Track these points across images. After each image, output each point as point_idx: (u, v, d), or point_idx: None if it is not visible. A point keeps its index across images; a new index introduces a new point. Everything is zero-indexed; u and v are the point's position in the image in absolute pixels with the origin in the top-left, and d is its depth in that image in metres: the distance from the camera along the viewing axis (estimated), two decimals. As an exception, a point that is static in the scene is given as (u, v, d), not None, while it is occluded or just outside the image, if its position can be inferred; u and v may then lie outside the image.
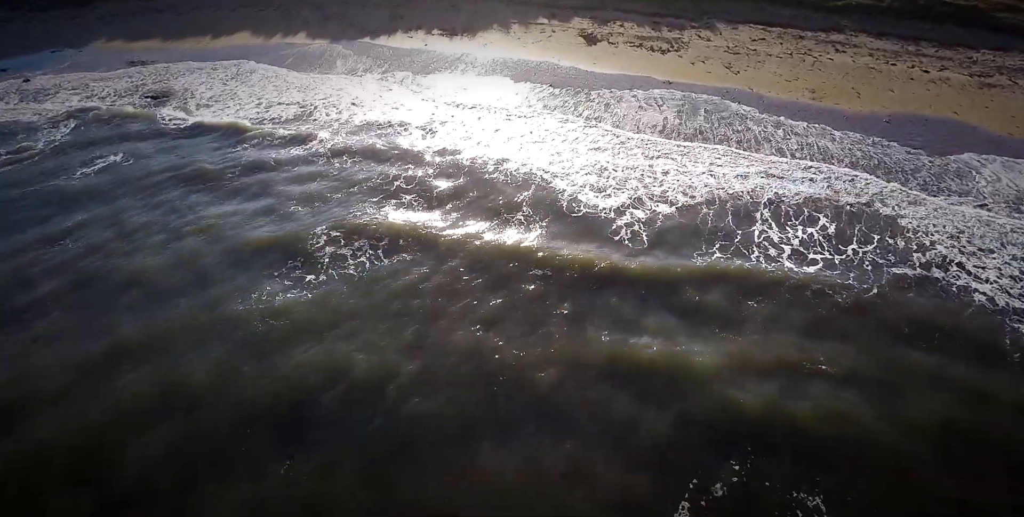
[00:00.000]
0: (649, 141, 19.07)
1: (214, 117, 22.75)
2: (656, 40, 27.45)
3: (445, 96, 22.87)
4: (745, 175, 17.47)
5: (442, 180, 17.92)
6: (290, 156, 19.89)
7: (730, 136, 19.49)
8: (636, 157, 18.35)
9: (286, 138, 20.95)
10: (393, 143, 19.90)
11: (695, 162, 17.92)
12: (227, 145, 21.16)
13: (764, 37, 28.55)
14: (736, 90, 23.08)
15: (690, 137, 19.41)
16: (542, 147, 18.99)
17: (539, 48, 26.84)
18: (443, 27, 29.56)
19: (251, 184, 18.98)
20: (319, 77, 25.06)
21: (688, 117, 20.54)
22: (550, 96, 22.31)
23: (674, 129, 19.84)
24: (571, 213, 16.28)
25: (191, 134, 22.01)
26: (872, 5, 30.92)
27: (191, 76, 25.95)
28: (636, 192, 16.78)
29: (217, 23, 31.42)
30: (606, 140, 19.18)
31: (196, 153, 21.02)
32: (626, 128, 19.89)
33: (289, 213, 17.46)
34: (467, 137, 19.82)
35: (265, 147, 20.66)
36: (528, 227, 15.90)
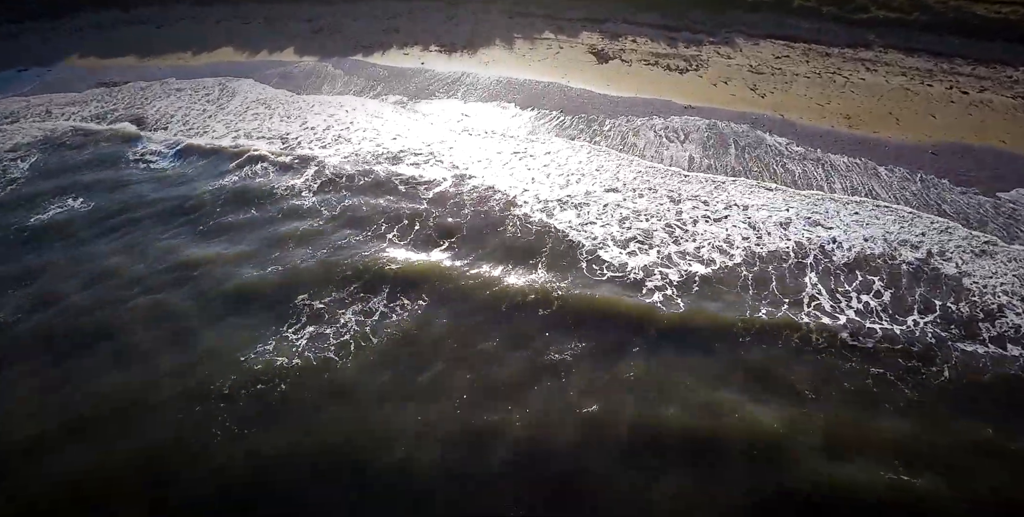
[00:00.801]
0: (674, 181, 16.54)
1: (192, 148, 19.89)
2: (672, 57, 24.97)
3: (444, 124, 20.11)
4: (786, 223, 15.10)
5: (441, 229, 15.44)
6: (274, 194, 17.32)
7: (764, 175, 16.97)
8: (661, 201, 15.87)
9: (270, 173, 18.27)
10: (386, 182, 17.29)
11: (728, 207, 15.50)
12: (205, 180, 18.44)
13: (788, 54, 26.31)
14: (765, 117, 20.68)
15: (720, 176, 16.79)
16: (555, 189, 16.42)
17: (546, 67, 24.10)
18: (441, 43, 26.94)
19: (233, 224, 16.54)
20: (307, 101, 22.20)
21: (716, 152, 17.93)
22: (560, 126, 19.55)
23: (702, 167, 17.29)
24: (592, 275, 13.82)
25: (165, 168, 19.28)
26: (899, 18, 28.57)
27: (167, 100, 23.05)
28: (665, 247, 14.39)
29: (199, 37, 28.47)
30: (626, 180, 16.63)
31: (172, 188, 18.42)
32: (647, 166, 17.30)
33: (274, 258, 15.14)
34: (469, 176, 17.19)
35: (247, 181, 18.05)
36: (543, 298, 13.29)
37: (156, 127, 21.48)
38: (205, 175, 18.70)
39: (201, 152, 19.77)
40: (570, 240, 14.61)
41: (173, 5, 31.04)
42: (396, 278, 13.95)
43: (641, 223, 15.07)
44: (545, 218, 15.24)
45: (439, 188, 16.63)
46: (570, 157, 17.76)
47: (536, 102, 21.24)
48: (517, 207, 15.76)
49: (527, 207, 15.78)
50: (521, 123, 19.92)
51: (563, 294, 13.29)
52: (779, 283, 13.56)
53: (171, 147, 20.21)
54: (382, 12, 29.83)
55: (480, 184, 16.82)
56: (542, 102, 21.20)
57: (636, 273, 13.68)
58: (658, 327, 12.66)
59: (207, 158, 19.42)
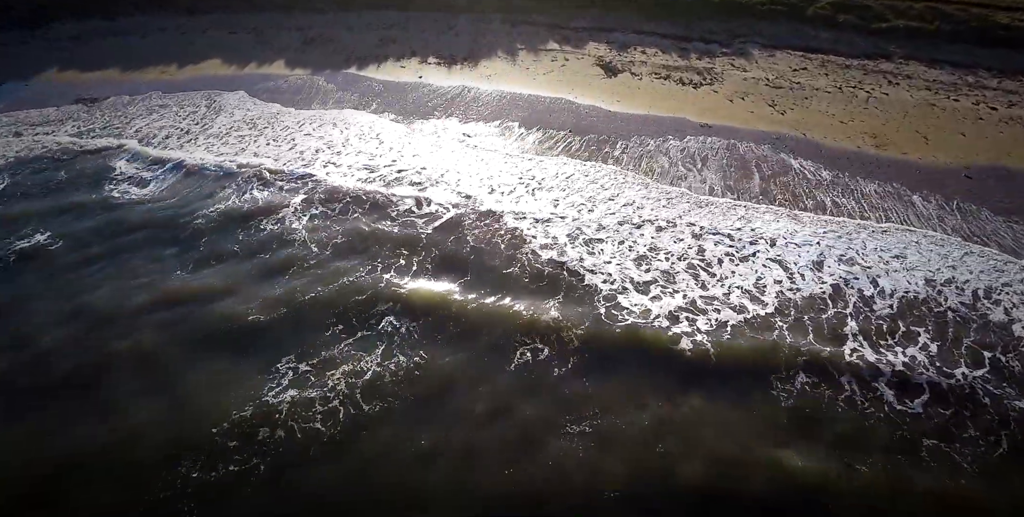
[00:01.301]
0: (694, 212, 15.00)
1: (175, 170, 18.22)
2: (685, 70, 23.33)
3: (444, 147, 18.41)
4: (820, 262, 13.56)
5: (442, 270, 13.76)
6: (262, 223, 15.66)
7: (792, 205, 15.45)
8: (681, 236, 14.33)
9: (259, 198, 16.57)
10: (381, 212, 15.68)
11: (754, 242, 13.97)
12: (189, 206, 16.79)
13: (806, 66, 24.89)
14: (787, 136, 19.17)
15: (744, 206, 15.33)
16: (566, 222, 14.83)
17: (552, 81, 22.39)
18: (440, 54, 25.29)
19: (220, 255, 14.92)
20: (297, 119, 20.42)
21: (738, 179, 16.35)
22: (568, 148, 17.89)
23: (723, 195, 15.73)
24: (612, 322, 12.29)
25: (147, 193, 17.49)
26: (919, 28, 27.14)
27: (149, 118, 21.21)
28: (690, 291, 12.86)
29: (185, 49, 26.67)
30: (643, 212, 15.06)
31: (153, 214, 16.73)
32: (665, 195, 15.74)
33: (260, 297, 13.62)
34: (472, 207, 15.53)
35: (234, 207, 16.41)
36: (559, 351, 11.77)
37: (138, 147, 19.69)
38: (189, 201, 17.03)
39: (185, 175, 18.07)
40: (585, 283, 13.04)
41: (158, 14, 29.34)
42: (394, 317, 12.51)
43: (661, 262, 13.50)
44: (556, 257, 13.67)
45: (439, 222, 15.03)
46: (581, 185, 16.16)
47: (542, 121, 19.58)
48: (525, 243, 14.18)
49: (536, 242, 14.25)
50: (527, 146, 18.21)
51: (579, 346, 11.75)
52: (816, 334, 12.10)
53: (153, 170, 18.49)
54: (377, 21, 28.27)
55: (483, 216, 15.21)
56: (549, 121, 19.58)
57: (660, 321, 12.13)
58: (684, 378, 11.30)
59: (191, 182, 17.75)
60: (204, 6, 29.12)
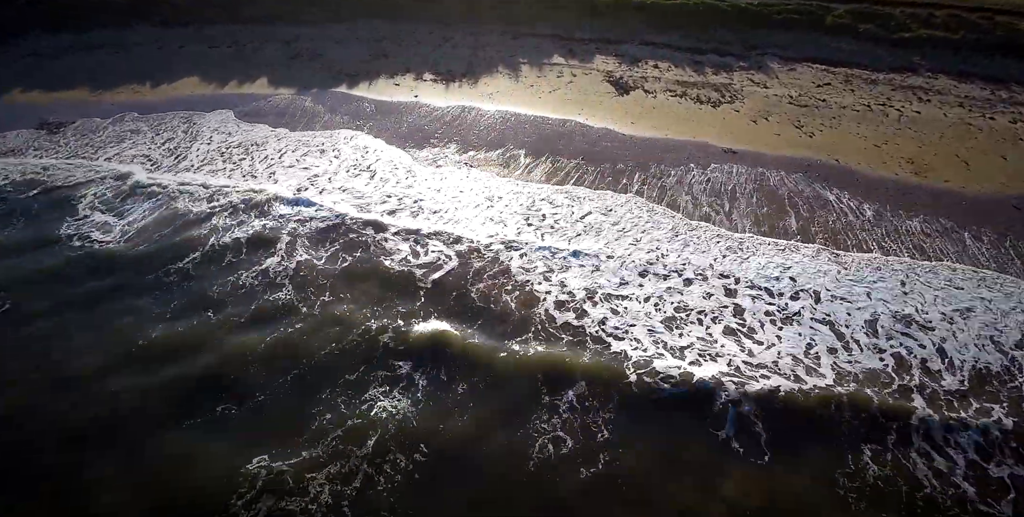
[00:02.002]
0: (726, 259, 12.99)
1: (144, 210, 15.74)
2: (702, 87, 21.17)
3: (443, 179, 16.18)
4: (874, 322, 11.47)
5: (443, 338, 11.59)
6: (241, 275, 13.37)
7: (832, 244, 13.48)
8: (713, 289, 12.18)
9: (240, 246, 14.16)
10: (375, 262, 13.46)
11: (796, 296, 11.98)
12: (157, 251, 14.40)
13: (830, 81, 23.15)
14: (819, 163, 17.04)
15: (781, 250, 13.27)
16: (583, 275, 12.75)
17: (559, 100, 20.09)
18: (437, 70, 22.84)
19: (192, 306, 12.81)
20: (279, 147, 18.03)
21: (770, 214, 14.42)
22: (580, 179, 15.79)
23: (756, 237, 13.73)
24: (648, 395, 10.33)
25: (110, 239, 14.94)
26: (944, 38, 25.32)
27: (119, 146, 18.58)
28: (732, 356, 10.86)
29: (160, 66, 24.08)
30: (668, 260, 13.02)
31: (119, 260, 14.28)
32: (691, 239, 13.67)
33: (240, 355, 11.37)
34: (476, 255, 13.36)
35: (208, 258, 14.01)
36: (584, 430, 9.90)
37: (106, 182, 17.20)
38: (161, 243, 14.69)
39: (157, 213, 15.68)
40: (612, 351, 11.09)
41: (132, 27, 26.78)
42: (388, 403, 10.39)
43: (693, 325, 11.44)
44: (574, 320, 11.62)
45: (438, 274, 12.89)
46: (597, 226, 14.11)
47: (551, 147, 17.40)
48: (538, 302, 12.09)
49: (550, 300, 12.16)
50: (535, 178, 15.98)
51: (608, 436, 9.76)
52: (881, 410, 10.52)
53: (123, 208, 16.07)
54: (368, 33, 26.10)
55: (489, 266, 13.08)
56: (558, 147, 17.41)
57: (699, 402, 10.21)
58: (734, 473, 9.46)
59: (164, 221, 15.41)
60: (182, 18, 26.85)
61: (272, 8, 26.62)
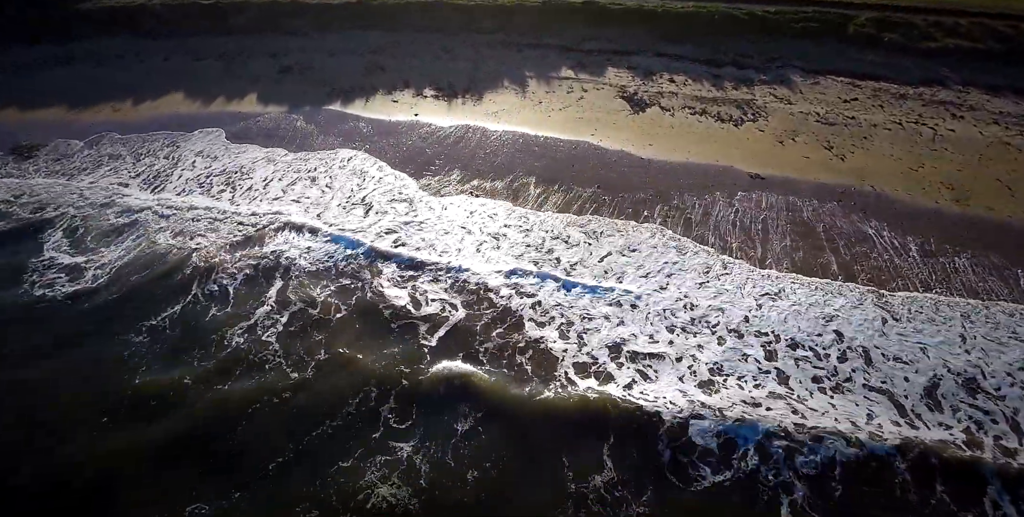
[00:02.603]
0: (764, 309, 11.45)
1: (117, 252, 13.92)
2: (722, 103, 19.29)
3: (445, 211, 14.50)
4: (935, 388, 9.72)
5: (449, 405, 10.08)
6: (221, 338, 11.59)
7: (876, 285, 12.02)
8: (750, 348, 10.57)
9: (215, 304, 12.37)
10: (371, 313, 11.78)
11: (844, 356, 10.43)
12: (130, 303, 12.44)
13: (857, 97, 21.63)
14: (854, 190, 15.41)
15: (821, 295, 11.73)
16: (605, 327, 11.19)
17: (569, 118, 18.37)
18: (438, 85, 20.91)
19: (166, 378, 11.15)
20: (264, 175, 16.28)
21: (806, 251, 12.83)
22: (597, 211, 14.16)
23: (792, 278, 12.19)
24: (686, 482, 8.72)
25: (78, 288, 12.95)
26: (971, 48, 23.71)
27: (94, 174, 16.83)
28: (781, 425, 9.93)
29: (142, 80, 22.17)
30: (700, 311, 11.42)
31: (86, 314, 12.38)
32: (723, 283, 12.03)
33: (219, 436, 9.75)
34: (485, 306, 11.70)
35: (187, 312, 12.24)
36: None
37: (76, 219, 15.15)
38: (135, 295, 12.70)
39: (132, 257, 13.71)
40: (643, 422, 9.92)
41: (115, 38, 24.97)
42: (388, 490, 8.84)
43: (731, 389, 9.93)
44: (597, 385, 10.05)
45: (444, 329, 11.25)
46: (618, 269, 12.48)
47: (563, 173, 15.77)
48: (556, 364, 10.50)
49: (568, 360, 10.54)
50: (548, 211, 14.30)
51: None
52: (954, 500, 9.30)
53: (94, 250, 14.07)
54: (363, 45, 24.33)
55: (498, 320, 11.41)
56: (571, 173, 15.78)
57: (752, 476, 8.75)
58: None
59: (139, 266, 13.45)
60: (167, 28, 25.26)
61: (260, 18, 24.90)
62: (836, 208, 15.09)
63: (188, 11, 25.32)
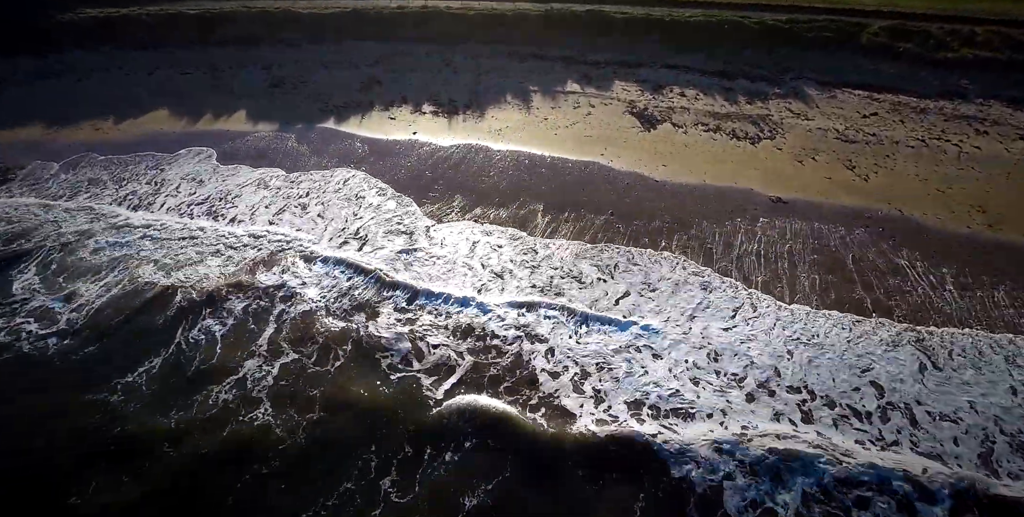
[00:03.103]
0: (795, 357, 10.48)
1: (95, 294, 12.65)
2: (736, 119, 18.14)
3: (446, 245, 13.36)
4: (990, 455, 8.70)
5: (461, 475, 9.04)
6: (206, 395, 10.47)
7: (911, 321, 11.06)
8: (786, 407, 9.51)
9: (199, 354, 11.40)
10: (370, 362, 10.73)
11: (887, 416, 9.50)
12: (106, 354, 11.27)
13: (876, 111, 20.57)
14: (881, 215, 14.24)
15: (857, 335, 10.75)
16: (627, 383, 10.14)
17: (577, 136, 17.22)
18: (437, 100, 19.60)
19: (146, 434, 10.04)
20: (249, 205, 15.02)
21: (836, 284, 11.85)
22: (610, 239, 13.13)
23: (823, 315, 11.17)
24: None
25: (52, 334, 11.73)
26: (989, 58, 22.56)
27: (72, 201, 15.58)
28: None
29: (126, 95, 20.81)
30: (725, 361, 10.46)
31: (59, 364, 11.07)
32: (751, 331, 10.99)
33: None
34: (494, 353, 10.68)
35: (169, 364, 11.11)
36: None
37: (51, 256, 13.71)
38: (114, 343, 11.40)
39: (109, 299, 12.32)
40: (672, 490, 9.04)
41: (99, 50, 23.54)
42: None
43: (772, 458, 8.82)
44: (619, 448, 8.98)
45: (451, 381, 10.15)
46: (639, 314, 11.38)
47: (573, 197, 14.65)
48: (573, 419, 9.45)
49: (587, 418, 9.45)
50: (558, 242, 13.19)
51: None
52: None
53: (68, 291, 12.70)
54: (358, 56, 23.03)
55: (510, 371, 10.36)
56: (581, 198, 14.65)
57: None
58: None
59: (118, 310, 12.10)
60: (153, 39, 24.03)
61: (251, 28, 23.65)
62: (864, 236, 14.14)
63: (175, 21, 24.10)
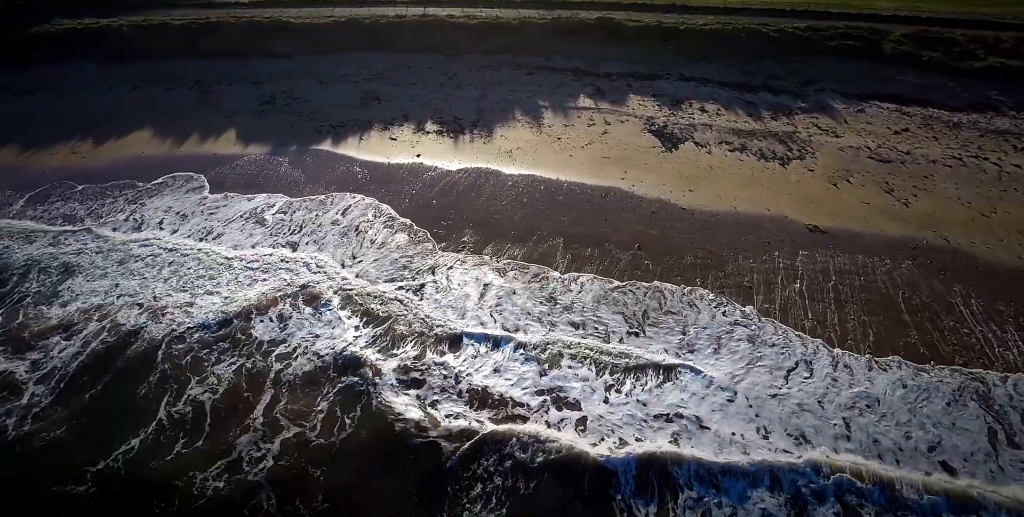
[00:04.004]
0: (859, 438, 9.34)
1: (67, 359, 11.14)
2: (762, 137, 16.68)
3: (457, 289, 12.03)
4: None
5: None
6: (203, 491, 9.21)
7: (971, 363, 9.96)
8: (865, 510, 8.27)
9: (188, 433, 10.02)
10: (380, 428, 9.35)
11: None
12: (78, 444, 9.88)
13: (907, 126, 19.33)
14: (926, 244, 12.84)
15: (918, 404, 9.60)
16: (669, 459, 8.81)
17: (594, 158, 15.81)
18: (441, 118, 17.98)
19: None
20: (235, 241, 13.60)
21: (889, 330, 10.60)
22: (642, 278, 11.79)
23: (878, 369, 9.96)
24: None
25: (15, 416, 10.22)
26: (1018, 67, 21.92)
27: (35, 249, 13.97)
28: None
29: (107, 113, 19.01)
30: (776, 435, 9.22)
31: (28, 458, 9.61)
32: (804, 393, 9.76)
33: None
34: (518, 421, 9.33)
35: (143, 470, 9.47)
36: None
37: (12, 313, 11.98)
38: (81, 427, 9.68)
39: (81, 362, 10.74)
40: None
41: (77, 65, 21.62)
42: None
43: None
44: None
45: (468, 470, 8.69)
46: (677, 380, 10.04)
47: (595, 229, 13.20)
48: (610, 509, 8.13)
49: (619, 505, 8.30)
50: (583, 286, 11.72)
51: None
52: None
53: (29, 356, 11.20)
54: (355, 69, 21.24)
55: (539, 446, 8.94)
56: (604, 229, 13.20)
57: None
58: None
59: (89, 377, 10.61)
60: (136, 53, 22.45)
61: (240, 40, 21.85)
62: (912, 270, 12.93)
63: (159, 33, 22.42)
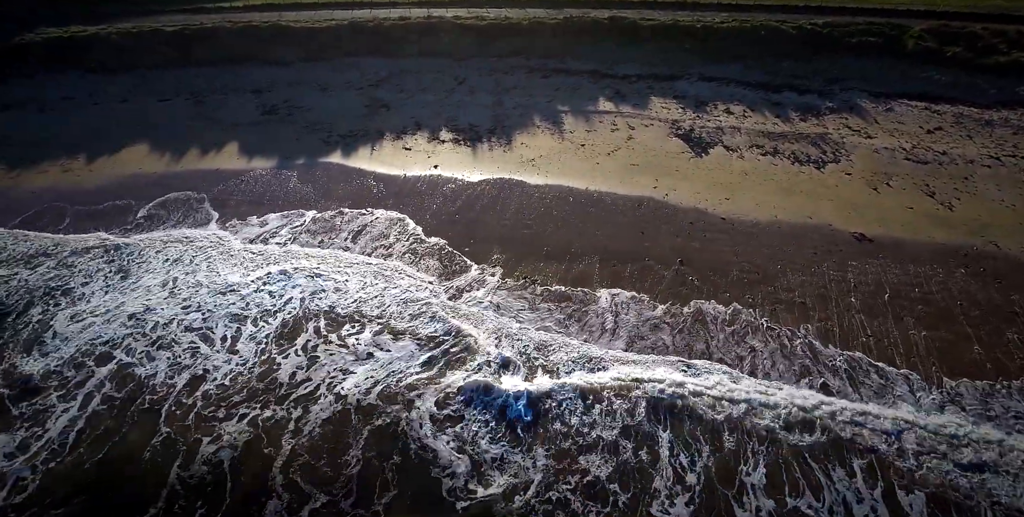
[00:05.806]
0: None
1: (54, 434, 9.79)
2: (794, 139, 15.80)
3: (487, 332, 11.01)
4: None
5: None
6: None
7: None
8: None
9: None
10: (423, 480, 8.33)
11: None
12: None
13: (940, 125, 18.30)
14: (976, 250, 12.07)
15: (995, 440, 8.74)
16: None
17: (622, 166, 14.85)
18: (456, 125, 16.86)
19: None
20: (238, 277, 12.36)
21: (952, 347, 9.78)
22: (685, 300, 10.90)
23: (954, 397, 9.09)
24: None
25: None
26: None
27: (18, 287, 12.46)
28: None
29: (98, 127, 17.59)
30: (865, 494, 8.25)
31: None
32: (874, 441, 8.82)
33: None
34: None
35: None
36: None
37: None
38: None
39: (71, 437, 9.33)
40: None
41: (63, 76, 20.03)
42: None
43: None
44: None
45: None
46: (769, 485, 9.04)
47: (633, 245, 12.22)
48: None
49: None
50: (626, 305, 10.79)
51: None
52: None
53: (12, 444, 9.44)
54: (361, 75, 19.79)
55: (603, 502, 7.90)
56: (642, 244, 12.22)
57: None
58: None
59: (82, 480, 9.13)
60: (125, 62, 20.94)
61: (236, 46, 20.40)
62: (967, 279, 12.10)
63: (150, 40, 21.06)
